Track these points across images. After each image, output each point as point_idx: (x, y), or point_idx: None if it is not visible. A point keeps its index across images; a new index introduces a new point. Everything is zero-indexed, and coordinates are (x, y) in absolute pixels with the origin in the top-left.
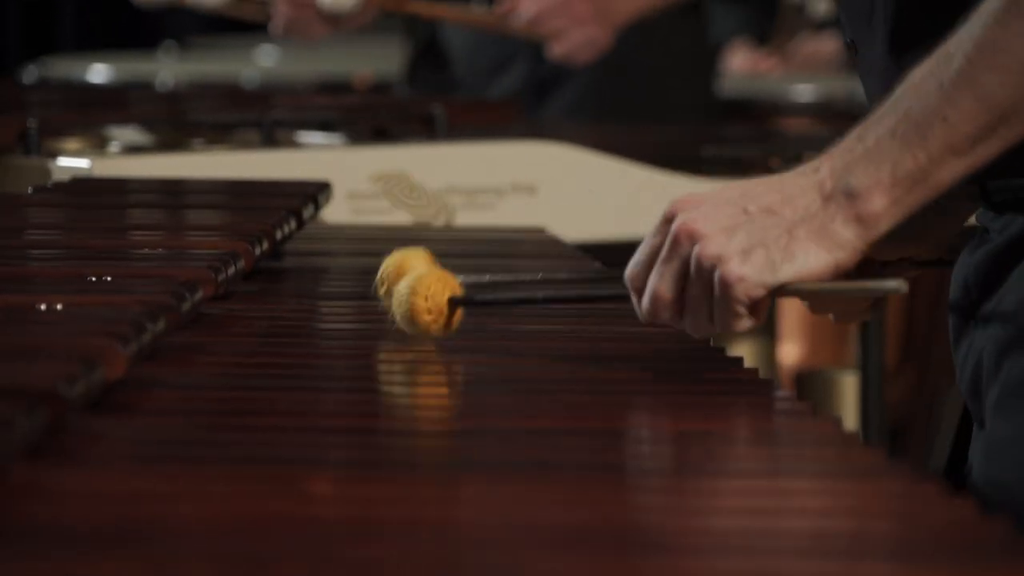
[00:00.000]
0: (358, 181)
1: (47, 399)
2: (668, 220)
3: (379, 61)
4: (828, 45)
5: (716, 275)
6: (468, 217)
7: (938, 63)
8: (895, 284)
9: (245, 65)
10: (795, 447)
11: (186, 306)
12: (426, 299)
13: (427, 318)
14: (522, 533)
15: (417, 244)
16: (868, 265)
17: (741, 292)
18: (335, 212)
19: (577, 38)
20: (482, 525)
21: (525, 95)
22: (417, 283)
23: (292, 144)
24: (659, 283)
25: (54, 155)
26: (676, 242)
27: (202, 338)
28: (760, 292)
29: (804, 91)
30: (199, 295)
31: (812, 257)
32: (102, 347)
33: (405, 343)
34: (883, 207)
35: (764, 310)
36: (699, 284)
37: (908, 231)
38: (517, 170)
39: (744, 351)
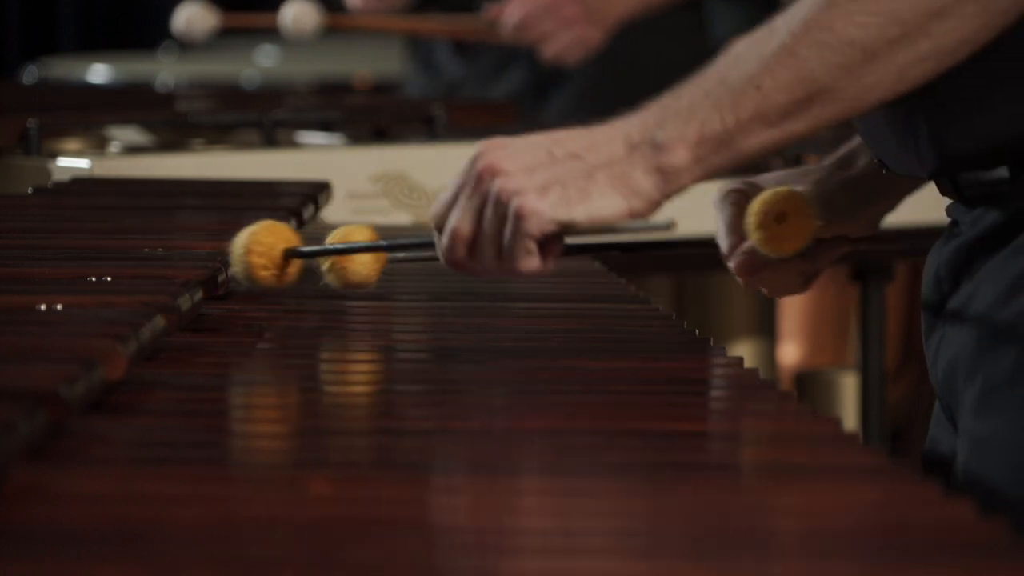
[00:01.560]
0: (358, 181)
1: (48, 400)
2: (474, 161)
3: (379, 61)
4: None
5: (511, 207)
6: None
7: (763, 34)
8: (661, 222)
9: (245, 65)
10: (795, 447)
11: (186, 306)
12: (260, 254)
13: (264, 272)
14: (523, 535)
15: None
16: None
17: (534, 225)
18: (335, 212)
19: (565, 39)
20: (482, 526)
21: (525, 95)
22: (251, 239)
23: (292, 144)
24: (459, 219)
25: (54, 155)
26: (479, 179)
27: (202, 338)
28: (551, 227)
29: None
30: (199, 295)
31: (608, 200)
32: (102, 347)
33: (404, 343)
34: (685, 163)
35: (553, 256)
36: (494, 218)
37: (839, 209)
38: None
39: (744, 351)
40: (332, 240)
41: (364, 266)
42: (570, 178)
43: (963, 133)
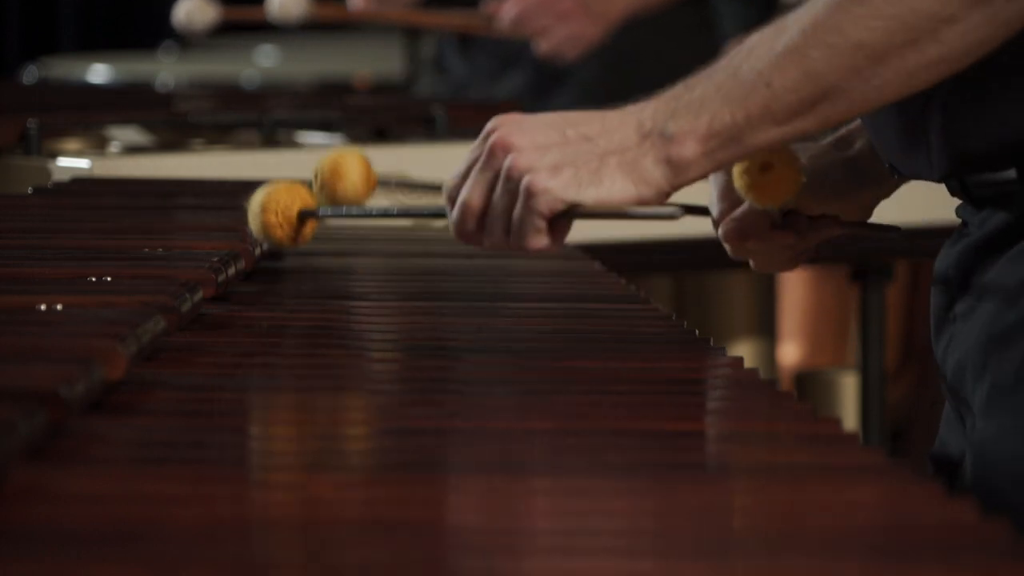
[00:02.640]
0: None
1: (48, 400)
2: (488, 135)
3: (379, 61)
4: None
5: (522, 184)
6: None
7: (775, 32)
8: (669, 210)
9: (245, 65)
10: (795, 447)
11: (186, 306)
12: (276, 213)
13: (279, 232)
14: (521, 534)
15: (416, 242)
16: (794, 218)
17: (543, 203)
18: None
19: (562, 34)
20: (481, 526)
21: (527, 95)
22: (268, 198)
23: (292, 144)
24: (470, 192)
25: (54, 155)
26: (491, 154)
27: (202, 338)
28: (560, 206)
29: None
30: (199, 295)
31: (617, 185)
32: (102, 347)
33: (404, 343)
34: (694, 155)
35: (562, 235)
36: (505, 193)
37: (832, 188)
38: None
39: (744, 351)
40: (322, 167)
41: (354, 187)
42: (582, 160)
43: (972, 135)
